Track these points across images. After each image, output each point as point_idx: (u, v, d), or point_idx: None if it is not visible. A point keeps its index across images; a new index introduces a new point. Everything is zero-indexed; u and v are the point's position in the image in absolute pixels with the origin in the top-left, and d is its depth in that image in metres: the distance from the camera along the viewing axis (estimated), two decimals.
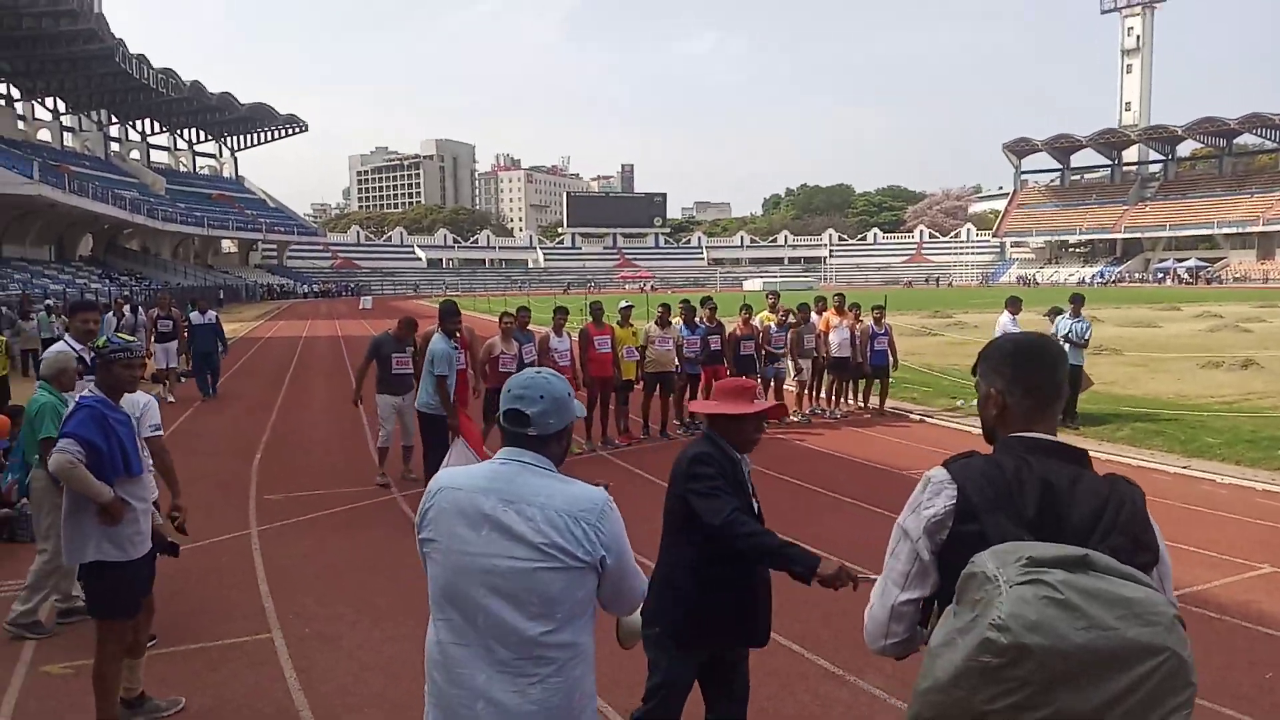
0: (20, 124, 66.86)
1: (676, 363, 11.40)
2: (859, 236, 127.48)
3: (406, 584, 6.03)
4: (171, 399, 14.58)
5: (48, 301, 26.11)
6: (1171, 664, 1.52)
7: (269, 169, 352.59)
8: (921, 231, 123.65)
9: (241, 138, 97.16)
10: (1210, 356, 18.59)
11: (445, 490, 2.26)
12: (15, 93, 66.53)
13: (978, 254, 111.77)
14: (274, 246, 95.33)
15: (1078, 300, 12.14)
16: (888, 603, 1.91)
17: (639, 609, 2.65)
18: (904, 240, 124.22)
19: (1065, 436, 1.90)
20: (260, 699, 4.47)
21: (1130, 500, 1.78)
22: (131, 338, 4.37)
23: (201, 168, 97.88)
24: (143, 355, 4.26)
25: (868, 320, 13.09)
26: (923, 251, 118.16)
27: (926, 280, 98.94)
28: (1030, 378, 1.93)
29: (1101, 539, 1.72)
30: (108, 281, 50.15)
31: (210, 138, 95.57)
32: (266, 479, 9.41)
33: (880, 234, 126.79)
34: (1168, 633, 1.53)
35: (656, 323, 11.33)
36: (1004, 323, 12.28)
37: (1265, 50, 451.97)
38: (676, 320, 11.62)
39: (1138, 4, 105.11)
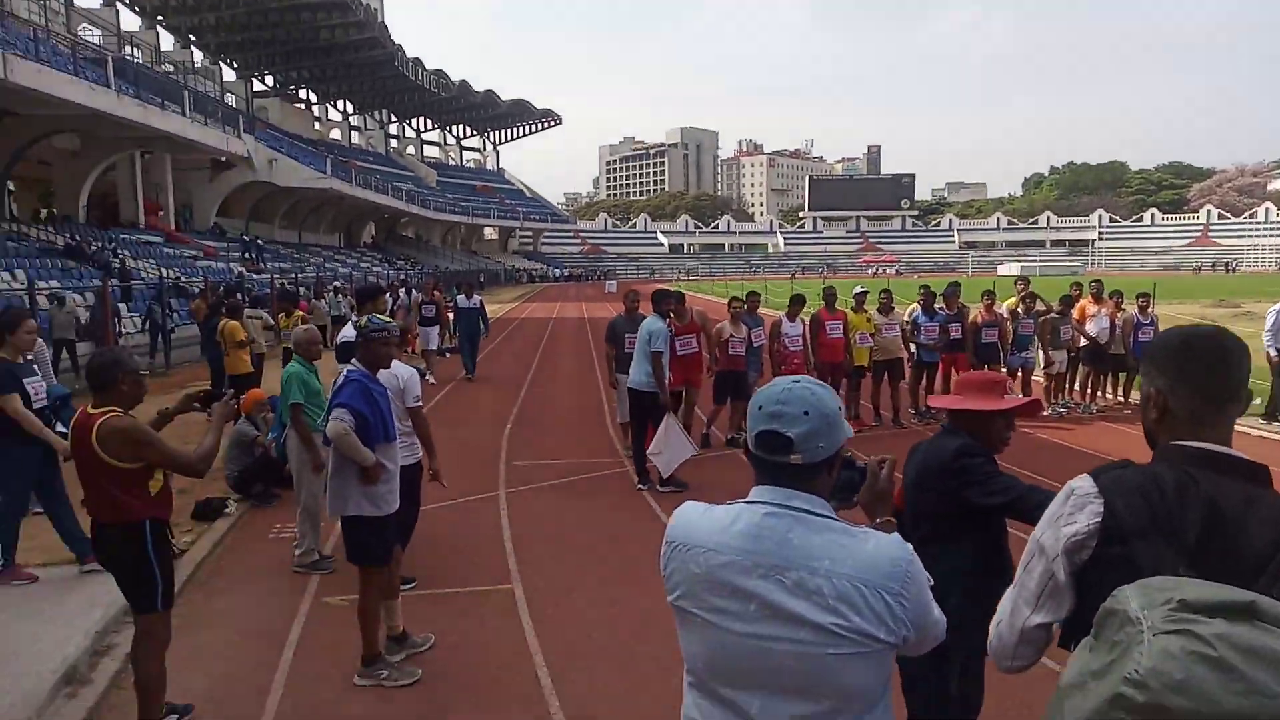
0: (316, 125, 75.33)
1: (908, 349, 11.15)
2: (1134, 217, 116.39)
3: (630, 552, 6.40)
4: (432, 379, 14.84)
5: (335, 283, 29.36)
6: None
7: (526, 161, 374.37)
8: (1209, 211, 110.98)
9: (502, 132, 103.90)
10: None
11: (693, 549, 1.76)
12: (313, 97, 75.03)
13: (1277, 237, 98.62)
14: (530, 233, 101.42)
15: None
16: (1017, 624, 1.71)
17: None
18: (1188, 221, 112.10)
19: None
20: (501, 642, 4.94)
21: None
22: (389, 318, 4.94)
23: (467, 161, 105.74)
24: (398, 334, 4.79)
25: (1131, 309, 12.05)
26: (1210, 234, 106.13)
27: (1214, 266, 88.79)
28: (1198, 375, 1.67)
29: (1278, 576, 1.47)
30: (387, 265, 55.54)
31: (475, 133, 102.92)
32: (515, 447, 10.18)
33: (1159, 214, 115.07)
34: None
35: (879, 309, 11.09)
36: (1277, 309, 10.89)
37: None
38: (914, 306, 11.31)
39: None
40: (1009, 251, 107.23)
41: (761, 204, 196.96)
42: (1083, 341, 11.93)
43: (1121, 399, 12.43)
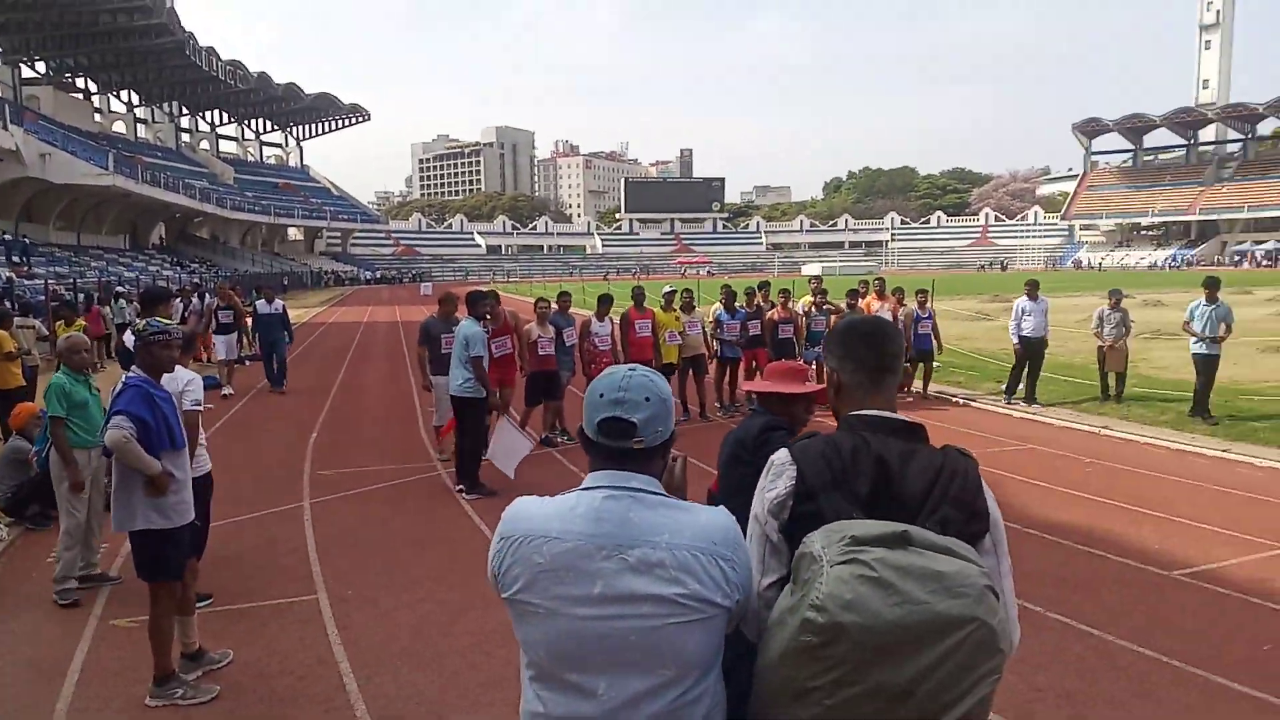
0: (96, 116, 69.43)
1: (710, 347, 11.72)
2: (922, 220, 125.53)
3: (439, 556, 6.44)
4: (229, 391, 14.09)
5: (119, 289, 27.27)
6: (981, 633, 1.57)
7: (334, 158, 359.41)
8: (987, 214, 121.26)
9: (307, 127, 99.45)
10: (1271, 341, 18.14)
11: (534, 540, 1.78)
12: (92, 86, 69.12)
13: (1046, 237, 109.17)
14: (338, 234, 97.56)
15: (1212, 284, 11.15)
16: (753, 590, 1.85)
17: None
18: (969, 223, 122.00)
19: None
20: (304, 652, 4.85)
21: (962, 472, 1.82)
22: (170, 321, 4.76)
23: (268, 157, 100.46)
24: (180, 336, 4.58)
25: (912, 304, 13.14)
26: (988, 235, 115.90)
27: (991, 264, 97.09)
28: (860, 353, 2.00)
29: (932, 512, 1.77)
30: (178, 268, 51.99)
31: (276, 128, 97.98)
32: (321, 456, 9.89)
33: (944, 217, 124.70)
34: (977, 603, 1.57)
35: (682, 308, 11.57)
36: (1020, 303, 12.54)
37: None
38: (716, 305, 11.89)
39: None
40: (812, 252, 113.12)
41: (579, 205, 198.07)
42: None
43: (906, 388, 13.48)
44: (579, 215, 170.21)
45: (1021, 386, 12.38)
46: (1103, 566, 6.03)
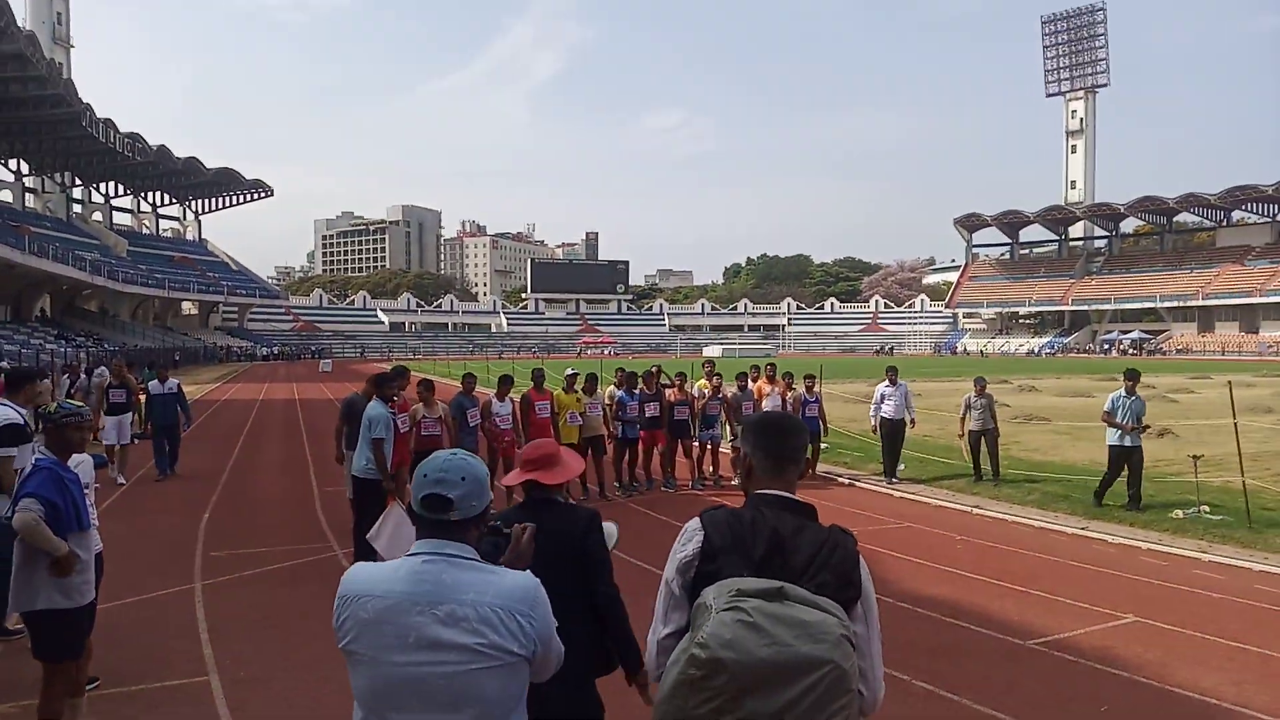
0: None
1: (610, 427, 12.06)
2: (816, 305, 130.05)
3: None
4: (122, 480, 13.08)
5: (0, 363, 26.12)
6: (835, 673, 1.92)
7: (234, 233, 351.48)
8: (877, 301, 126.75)
9: (206, 201, 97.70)
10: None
11: (364, 599, 2.11)
12: None
13: (931, 324, 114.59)
14: (235, 309, 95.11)
15: (1133, 376, 11.34)
16: (654, 638, 2.22)
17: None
18: (860, 310, 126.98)
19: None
20: None
21: (842, 546, 2.18)
22: (80, 404, 4.84)
23: (165, 230, 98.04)
24: (90, 418, 4.69)
25: (800, 388, 13.80)
26: (878, 321, 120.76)
27: (880, 349, 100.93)
28: (768, 445, 2.36)
29: (813, 576, 2.10)
30: (63, 342, 49.84)
31: (175, 200, 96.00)
32: (213, 537, 9.74)
33: (837, 303, 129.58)
34: (834, 649, 1.92)
35: (584, 390, 11.94)
36: (881, 389, 13.69)
37: (1200, 132, 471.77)
38: (610, 387, 12.34)
39: (1080, 88, 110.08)
40: (713, 334, 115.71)
41: (485, 284, 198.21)
42: None
43: None
44: (485, 294, 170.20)
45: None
46: (966, 637, 6.50)
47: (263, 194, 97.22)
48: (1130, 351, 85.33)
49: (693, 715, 1.94)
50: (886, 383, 13.62)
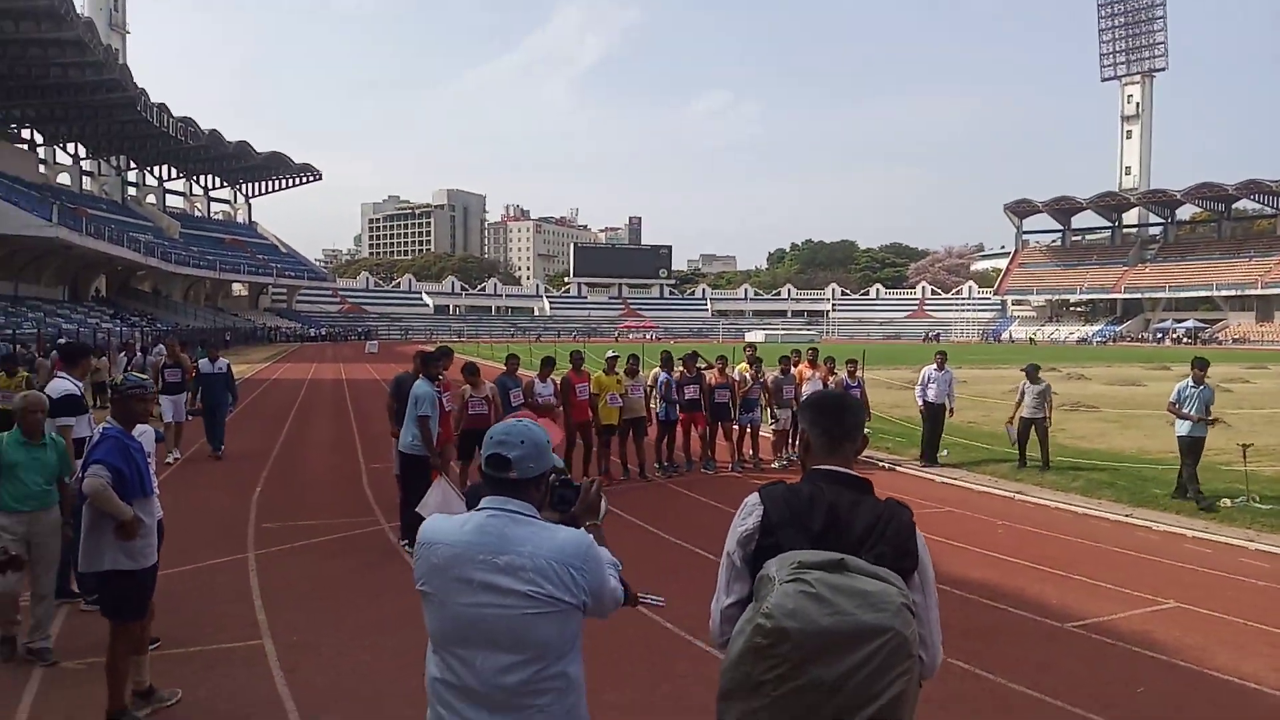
0: (41, 168, 68.71)
1: (651, 408, 12.18)
2: (861, 291, 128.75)
3: (384, 603, 6.71)
4: (177, 456, 13.29)
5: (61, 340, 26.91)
6: (896, 640, 2.00)
7: (283, 215, 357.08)
8: (924, 288, 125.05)
9: (256, 184, 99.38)
10: None
11: (437, 545, 2.36)
12: (38, 138, 68.50)
13: (979, 311, 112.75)
14: (284, 290, 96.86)
15: (1202, 364, 10.94)
16: (717, 608, 2.34)
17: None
18: (907, 296, 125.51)
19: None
20: (250, 693, 5.08)
21: (898, 518, 2.26)
22: (144, 375, 5.06)
23: (216, 213, 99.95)
24: (154, 390, 4.92)
25: (842, 373, 13.77)
26: (925, 308, 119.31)
27: (928, 336, 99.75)
28: (825, 422, 2.45)
29: (871, 548, 2.19)
30: (119, 322, 51.21)
31: (226, 184, 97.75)
32: (265, 510, 10.04)
33: (883, 289, 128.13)
34: (894, 617, 2.01)
35: (627, 372, 12.04)
36: (928, 371, 13.70)
37: (1263, 118, 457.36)
38: (656, 369, 12.44)
39: (1137, 72, 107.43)
40: (755, 320, 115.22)
41: (528, 268, 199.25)
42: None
43: None
44: (528, 278, 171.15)
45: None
46: (1004, 619, 6.52)
47: (311, 178, 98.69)
48: (1185, 340, 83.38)
49: (759, 680, 2.05)
50: (934, 366, 13.64)
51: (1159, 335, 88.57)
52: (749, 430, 13.11)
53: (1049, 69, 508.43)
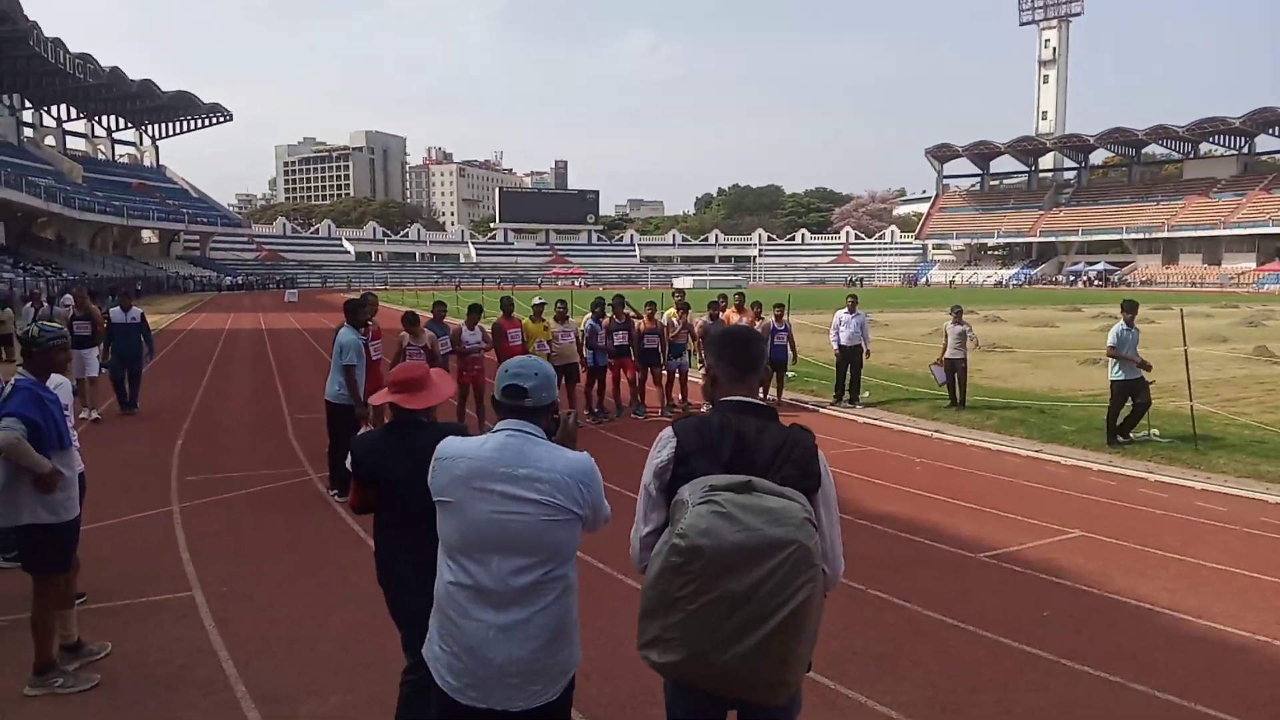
0: None
1: (581, 355, 12.22)
2: (788, 237, 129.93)
3: (313, 551, 6.72)
4: (96, 415, 12.45)
5: None
6: (799, 552, 2.19)
7: (193, 158, 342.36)
8: (848, 233, 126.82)
9: (163, 126, 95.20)
10: (1092, 354, 19.98)
11: (460, 459, 2.63)
12: None
13: (901, 255, 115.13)
14: (196, 237, 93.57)
15: (1131, 307, 10.86)
16: (636, 536, 2.54)
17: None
18: (831, 241, 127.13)
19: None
20: (182, 644, 5.05)
21: (801, 442, 2.45)
22: (59, 325, 4.90)
23: (121, 156, 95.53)
24: (68, 339, 4.77)
25: (769, 318, 14.00)
26: (849, 252, 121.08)
27: (849, 281, 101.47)
28: (731, 354, 2.61)
29: (778, 470, 2.38)
30: (21, 271, 48.88)
31: (130, 125, 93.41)
32: (188, 463, 9.85)
33: (808, 235, 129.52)
34: (798, 530, 2.20)
35: (556, 318, 12.06)
36: (839, 315, 14.13)
37: (1174, 64, 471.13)
38: (586, 316, 12.45)
39: (1054, 17, 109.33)
40: (684, 266, 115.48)
41: (453, 214, 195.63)
42: None
43: (762, 395, 14.34)
44: (453, 224, 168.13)
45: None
46: (920, 551, 6.83)
47: (222, 118, 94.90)
48: (1096, 283, 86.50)
49: (676, 597, 2.22)
50: (845, 310, 14.07)
51: (1072, 278, 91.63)
52: (677, 375, 13.27)
53: (972, 14, 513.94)
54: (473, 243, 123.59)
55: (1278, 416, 12.05)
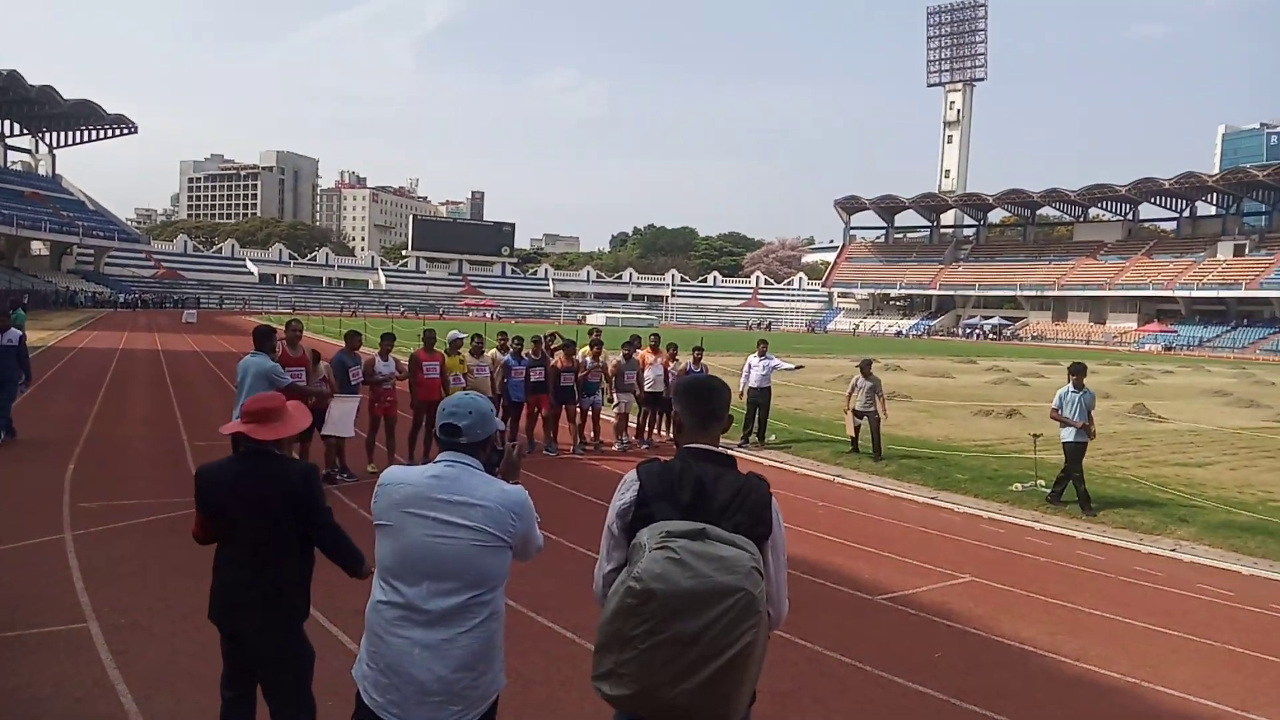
0: None
1: (495, 390, 12.26)
2: (700, 278, 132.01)
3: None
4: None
5: None
6: (746, 599, 2.33)
7: (92, 170, 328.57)
8: (758, 277, 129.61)
9: (63, 134, 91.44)
10: (984, 405, 20.96)
11: (400, 485, 2.82)
12: None
13: (808, 302, 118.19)
14: (91, 251, 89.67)
15: (1079, 370, 10.68)
16: (599, 573, 2.68)
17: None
18: (742, 285, 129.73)
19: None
20: (76, 679, 4.89)
21: (756, 490, 2.59)
22: None
23: (14, 163, 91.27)
24: None
25: (685, 359, 14.29)
26: (759, 296, 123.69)
27: (758, 324, 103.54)
28: (693, 405, 2.79)
29: (731, 516, 2.51)
30: None
31: (26, 131, 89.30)
32: (80, 489, 9.47)
33: (720, 277, 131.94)
34: (745, 579, 2.34)
35: (471, 351, 12.11)
36: (750, 359, 14.84)
37: (1068, 131, 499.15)
38: (494, 351, 12.60)
39: (960, 80, 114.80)
40: (597, 303, 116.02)
41: (364, 239, 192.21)
42: (646, 386, 13.81)
43: (671, 436, 14.57)
44: (363, 249, 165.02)
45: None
46: (822, 592, 7.09)
47: (125, 130, 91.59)
48: (990, 336, 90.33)
49: (630, 635, 2.35)
50: (756, 355, 14.68)
51: (968, 330, 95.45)
52: (590, 413, 13.40)
53: (885, 72, 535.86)
54: (383, 269, 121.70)
55: (1153, 471, 12.86)
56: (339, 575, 3.72)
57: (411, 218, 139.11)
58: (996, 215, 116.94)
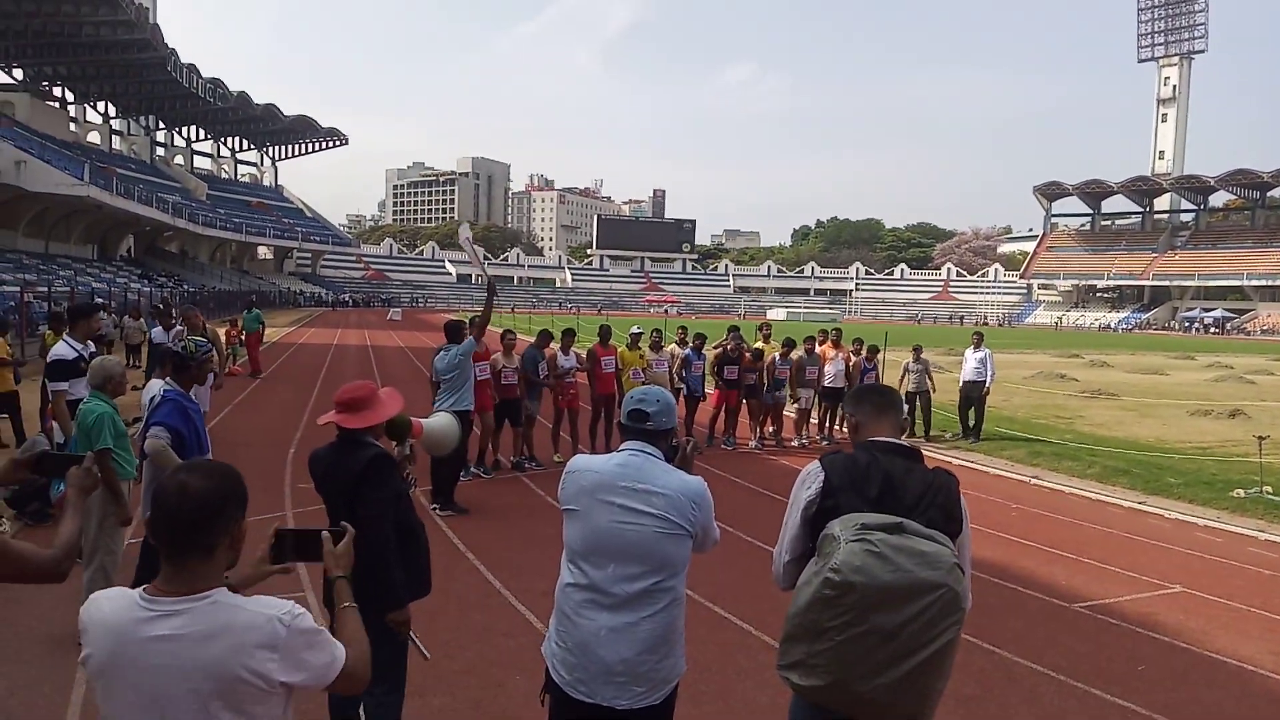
0: (71, 126, 69.26)
1: (672, 384, 12.37)
2: (886, 271, 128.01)
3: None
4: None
5: (99, 300, 27.41)
6: (948, 595, 2.32)
7: (308, 179, 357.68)
8: (949, 269, 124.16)
9: (283, 148, 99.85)
10: (1202, 405, 19.21)
11: (587, 472, 2.91)
12: (69, 96, 69.02)
13: (1005, 294, 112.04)
14: (308, 255, 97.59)
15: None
16: (779, 561, 2.74)
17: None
18: (931, 277, 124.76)
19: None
20: None
21: (946, 486, 2.59)
22: (206, 339, 5.33)
23: (242, 175, 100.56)
24: (214, 354, 5.21)
25: (859, 356, 13.98)
26: (949, 289, 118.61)
27: (951, 318, 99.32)
28: (869, 400, 2.89)
29: (923, 511, 2.50)
30: (146, 282, 51.85)
31: (252, 146, 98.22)
32: (300, 470, 10.36)
33: (908, 270, 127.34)
34: (947, 575, 2.33)
35: (651, 346, 12.30)
36: (966, 353, 14.53)
37: None
38: (672, 345, 12.76)
39: (1175, 54, 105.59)
40: (778, 297, 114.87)
41: (551, 239, 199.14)
42: (826, 381, 13.58)
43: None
44: (550, 249, 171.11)
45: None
46: (1013, 598, 6.75)
47: (337, 142, 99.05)
48: (1213, 330, 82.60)
49: (825, 627, 2.37)
50: (972, 347, 14.48)
51: (1187, 324, 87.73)
52: (771, 408, 13.31)
53: (1084, 49, 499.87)
54: (569, 268, 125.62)
55: None
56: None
57: (596, 217, 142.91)
58: (1218, 199, 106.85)
